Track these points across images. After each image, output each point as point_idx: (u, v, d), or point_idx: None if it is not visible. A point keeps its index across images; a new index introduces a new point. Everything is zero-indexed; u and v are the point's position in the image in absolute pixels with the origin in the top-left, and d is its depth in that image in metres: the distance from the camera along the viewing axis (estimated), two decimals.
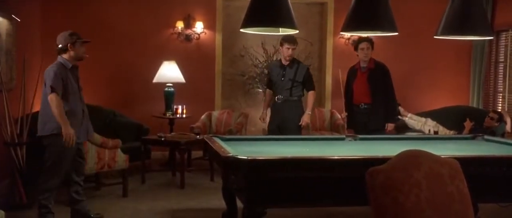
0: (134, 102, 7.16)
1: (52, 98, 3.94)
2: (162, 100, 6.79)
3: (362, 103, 5.30)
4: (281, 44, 5.39)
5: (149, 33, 7.19)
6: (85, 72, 7.02)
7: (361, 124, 5.27)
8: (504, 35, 7.46)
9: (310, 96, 5.47)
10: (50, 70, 4.02)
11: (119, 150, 5.09)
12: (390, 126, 5.35)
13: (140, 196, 5.19)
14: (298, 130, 5.41)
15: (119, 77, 7.14)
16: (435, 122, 6.78)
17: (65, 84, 4.02)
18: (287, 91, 5.37)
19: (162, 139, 5.81)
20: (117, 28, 7.09)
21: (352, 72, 5.43)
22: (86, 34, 6.85)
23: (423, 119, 6.86)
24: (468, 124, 6.58)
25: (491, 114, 6.45)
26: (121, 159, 5.10)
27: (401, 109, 7.04)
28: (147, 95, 7.11)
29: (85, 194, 4.43)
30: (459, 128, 6.63)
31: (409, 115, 6.94)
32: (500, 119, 6.39)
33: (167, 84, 6.73)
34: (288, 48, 5.30)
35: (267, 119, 5.63)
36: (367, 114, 5.27)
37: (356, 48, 5.34)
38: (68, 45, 4.11)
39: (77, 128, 4.09)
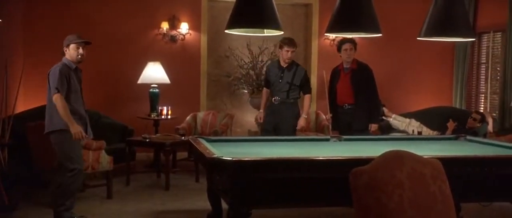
0: (119, 103, 7.12)
1: (57, 98, 4.07)
2: (147, 101, 6.76)
3: (346, 104, 5.31)
4: (281, 47, 5.35)
5: (134, 34, 7.15)
6: None
7: (345, 124, 5.28)
8: (486, 37, 7.56)
9: (307, 99, 5.47)
10: (55, 70, 4.14)
11: (103, 151, 5.06)
12: (373, 127, 5.37)
13: (125, 198, 5.16)
14: (293, 132, 5.41)
15: (103, 78, 7.08)
16: (419, 123, 6.84)
17: (68, 84, 4.14)
18: (284, 93, 5.36)
19: (147, 140, 5.78)
20: (102, 29, 7.04)
21: (335, 73, 5.43)
22: (66, 35, 6.78)
23: (407, 120, 6.92)
24: (451, 125, 6.66)
25: (473, 115, 6.54)
26: (105, 161, 5.07)
27: (385, 109, 7.09)
28: (132, 96, 7.07)
29: None
30: (442, 129, 6.71)
31: (394, 115, 7.00)
32: (483, 119, 6.48)
33: (152, 85, 6.71)
34: (288, 51, 5.28)
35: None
36: (350, 114, 5.28)
37: (339, 49, 5.34)
38: (64, 48, 4.26)
39: (83, 123, 4.26)
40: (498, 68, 7.20)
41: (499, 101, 7.01)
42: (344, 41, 5.25)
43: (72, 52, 4.25)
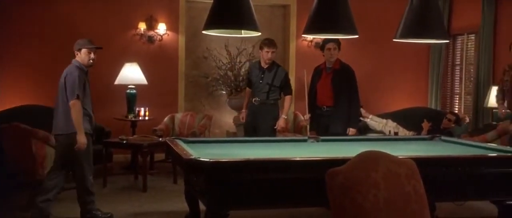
0: (95, 104, 6.87)
1: (75, 104, 4.18)
2: (124, 102, 6.70)
3: (324, 106, 5.20)
4: (261, 48, 5.38)
5: (110, 34, 7.08)
6: (44, 73, 6.93)
7: (324, 126, 5.17)
8: (460, 39, 7.70)
9: (287, 100, 5.48)
10: (74, 75, 4.23)
11: None
12: (351, 131, 5.17)
13: (102, 200, 5.08)
14: (272, 132, 5.43)
15: None
16: (395, 123, 6.93)
17: (84, 88, 4.28)
18: (264, 94, 5.39)
19: (124, 142, 5.73)
20: (77, 29, 6.93)
21: (317, 72, 5.31)
22: (44, 35, 6.72)
23: (384, 120, 7.00)
24: (425, 125, 6.77)
25: (448, 116, 6.65)
26: None
27: (362, 110, 7.16)
28: (109, 97, 6.99)
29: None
30: (418, 129, 6.81)
31: (371, 116, 7.07)
32: (457, 120, 6.60)
33: (129, 86, 6.65)
34: (268, 52, 5.30)
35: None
36: (328, 117, 5.17)
37: (322, 48, 5.23)
38: (75, 52, 4.37)
39: (90, 127, 4.37)
40: (472, 70, 7.33)
41: (473, 102, 7.14)
42: (328, 40, 5.09)
43: (83, 56, 4.34)
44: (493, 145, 4.53)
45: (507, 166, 3.49)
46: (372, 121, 7.03)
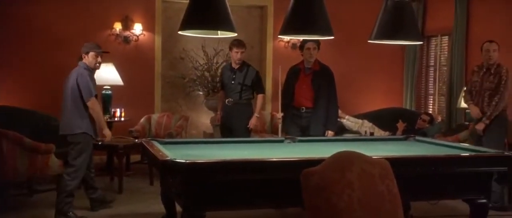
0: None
1: (94, 103, 4.49)
2: (100, 103, 6.60)
3: (303, 107, 5.11)
4: (230, 49, 5.48)
5: (85, 34, 6.97)
6: (18, 75, 6.81)
7: (301, 128, 5.09)
8: (434, 40, 7.83)
9: (259, 99, 5.55)
10: (84, 76, 4.49)
11: (52, 155, 4.91)
12: (330, 134, 5.12)
13: (76, 202, 5.01)
14: (247, 132, 5.48)
15: (53, 80, 6.86)
16: (371, 123, 7.00)
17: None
18: (237, 94, 5.45)
19: (99, 143, 5.65)
20: (51, 29, 6.85)
21: (294, 72, 5.19)
22: (17, 35, 6.61)
23: (360, 121, 7.07)
24: (400, 125, 6.87)
25: (423, 116, 6.76)
26: (55, 164, 4.92)
27: (339, 111, 7.22)
28: None
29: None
30: (393, 129, 6.90)
31: (347, 117, 7.14)
32: (432, 120, 6.71)
33: (105, 87, 6.57)
34: (237, 52, 5.39)
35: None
36: (307, 119, 5.08)
37: (301, 48, 5.14)
38: (83, 54, 4.62)
39: (93, 128, 4.60)
40: (445, 71, 7.46)
41: (446, 103, 7.26)
42: (307, 39, 5.01)
43: (91, 59, 4.60)
44: (465, 144, 4.62)
45: (478, 166, 3.57)
46: (348, 121, 7.09)
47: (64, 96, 4.59)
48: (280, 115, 5.19)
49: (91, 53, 4.59)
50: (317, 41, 5.08)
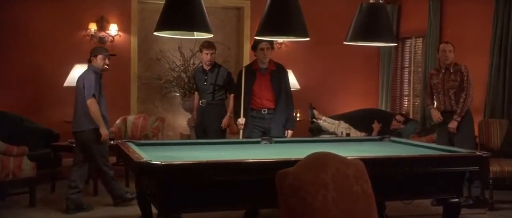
0: (43, 107, 6.82)
1: (92, 102, 4.72)
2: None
3: (264, 108, 4.92)
4: (200, 50, 5.54)
5: (59, 35, 6.89)
6: None
7: (263, 130, 4.88)
8: (408, 42, 7.94)
9: (232, 99, 5.51)
10: (90, 77, 4.77)
11: (25, 157, 4.83)
12: (290, 133, 4.98)
13: (50, 205, 4.95)
14: (222, 132, 5.52)
15: (26, 80, 6.77)
16: (347, 124, 7.06)
17: (99, 90, 4.82)
18: (210, 95, 5.50)
19: (74, 145, 5.57)
20: (25, 29, 6.73)
21: (250, 73, 4.94)
22: None
23: (336, 122, 7.13)
24: (376, 126, 6.95)
25: (397, 117, 6.86)
26: (27, 167, 4.84)
27: (315, 112, 7.28)
28: (58, 99, 6.79)
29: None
30: (369, 130, 6.97)
31: (323, 117, 7.19)
32: (406, 121, 6.81)
33: None
34: (207, 54, 5.45)
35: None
36: (268, 120, 4.90)
37: (254, 48, 4.92)
38: (91, 57, 4.88)
39: (107, 125, 4.86)
40: (420, 72, 7.58)
41: (421, 104, 7.37)
42: (261, 40, 4.69)
43: (99, 62, 4.87)
44: (439, 145, 4.69)
45: (451, 165, 3.62)
46: (325, 122, 7.14)
47: (75, 96, 4.93)
48: (242, 120, 4.90)
49: (99, 56, 4.86)
50: (271, 41, 4.94)
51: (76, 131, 4.89)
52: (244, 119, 4.89)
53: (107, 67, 4.95)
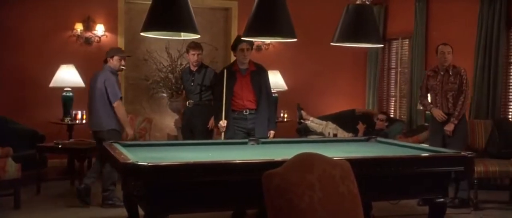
0: (28, 108, 6.75)
1: (119, 105, 4.97)
2: (60, 105, 6.47)
3: (247, 109, 4.86)
4: (187, 51, 5.57)
5: (45, 35, 6.83)
6: None
7: (246, 131, 4.83)
8: (395, 43, 8.00)
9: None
10: (111, 79, 4.96)
11: (9, 158, 4.78)
12: (272, 134, 4.96)
13: (35, 207, 4.90)
14: (209, 133, 5.51)
15: (10, 81, 6.70)
16: (335, 125, 7.09)
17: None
18: (197, 96, 5.51)
19: (59, 146, 5.54)
20: (9, 29, 6.65)
21: (231, 74, 4.87)
22: None
23: (324, 122, 7.15)
24: (361, 127, 7.00)
25: (379, 116, 6.93)
26: (12, 169, 4.79)
27: (303, 112, 7.31)
28: (43, 100, 6.74)
29: None
30: (356, 131, 7.01)
31: (311, 118, 7.21)
32: (388, 119, 6.86)
33: (66, 89, 6.43)
34: (194, 54, 5.47)
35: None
36: (251, 121, 4.85)
37: (234, 49, 4.87)
38: (108, 58, 5.04)
39: (119, 125, 5.03)
40: (406, 73, 7.63)
41: (407, 104, 7.43)
42: (241, 40, 4.71)
43: (115, 62, 5.03)
44: (425, 145, 4.73)
45: (436, 166, 3.65)
46: (313, 123, 7.17)
47: (91, 96, 5.05)
48: (224, 122, 4.82)
49: (116, 57, 5.01)
50: (251, 42, 4.88)
51: (96, 130, 5.05)
52: (225, 121, 4.82)
53: (123, 67, 5.18)
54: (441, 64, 5.26)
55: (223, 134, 4.88)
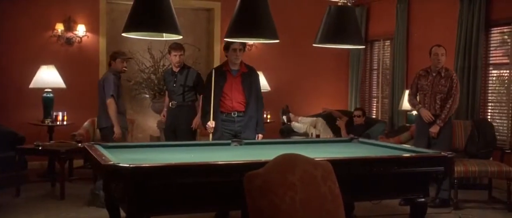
0: (8, 109, 6.66)
1: (111, 102, 5.28)
2: (40, 107, 6.39)
3: (236, 112, 4.74)
4: (169, 52, 5.56)
5: (25, 35, 6.74)
6: None
7: (232, 134, 4.71)
8: (377, 45, 8.07)
9: (202, 99, 5.50)
10: (109, 79, 5.31)
11: None
12: (260, 137, 4.82)
13: (14, 210, 4.83)
14: (193, 133, 5.52)
15: None
16: (325, 121, 7.17)
17: (117, 91, 5.34)
18: (180, 96, 5.52)
19: (40, 148, 5.47)
20: None
21: (221, 75, 4.74)
22: None
23: (315, 119, 7.22)
24: (340, 123, 7.08)
25: (355, 113, 7.04)
26: None
27: (291, 115, 7.39)
28: (23, 101, 6.65)
29: None
30: (337, 131, 7.06)
31: (300, 117, 7.26)
32: (364, 113, 7.04)
33: (46, 90, 6.36)
34: (175, 55, 5.47)
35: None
36: (240, 123, 4.73)
37: (227, 49, 4.74)
38: (111, 61, 5.45)
39: (124, 123, 5.46)
40: (388, 74, 7.70)
41: (389, 105, 7.50)
42: (233, 41, 4.49)
43: (118, 64, 5.43)
44: (406, 146, 4.77)
45: (417, 166, 3.68)
46: (301, 122, 7.23)
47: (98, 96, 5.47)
48: (212, 123, 4.66)
49: (118, 59, 5.40)
50: (244, 43, 4.77)
51: (99, 128, 5.53)
52: (214, 122, 4.68)
53: (125, 69, 5.56)
54: (434, 65, 5.28)
55: (211, 135, 4.73)
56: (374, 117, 8.03)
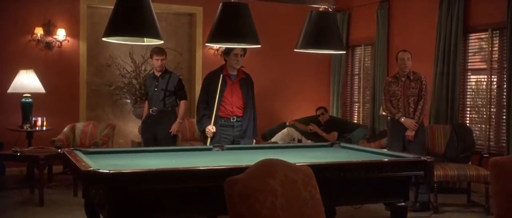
0: None
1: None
2: (19, 112, 6.30)
3: (234, 116, 4.74)
4: (151, 56, 5.58)
5: (3, 39, 6.65)
6: None
7: (230, 139, 4.71)
8: (358, 50, 8.14)
9: (182, 105, 5.60)
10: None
11: None
12: (254, 142, 4.88)
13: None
14: (173, 139, 5.52)
15: None
16: (316, 126, 7.22)
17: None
18: (161, 102, 5.53)
19: (18, 154, 5.39)
20: None
21: (221, 80, 4.72)
22: None
23: (285, 130, 7.25)
24: (313, 127, 7.17)
25: (317, 112, 7.34)
26: None
27: (290, 121, 7.49)
28: (1, 106, 6.57)
29: None
30: (317, 136, 7.11)
31: (273, 139, 7.30)
32: (326, 110, 7.42)
33: (25, 95, 6.27)
34: (157, 60, 5.49)
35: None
36: (238, 128, 4.74)
37: (227, 53, 4.72)
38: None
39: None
40: (369, 79, 7.77)
41: (370, 110, 7.56)
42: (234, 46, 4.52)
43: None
44: (387, 151, 4.81)
45: (397, 170, 3.72)
46: (294, 126, 7.32)
47: None
48: (213, 128, 4.64)
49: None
50: (245, 48, 4.74)
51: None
52: (214, 127, 4.64)
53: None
54: (401, 70, 5.37)
55: (208, 139, 4.68)
56: (355, 121, 8.09)
